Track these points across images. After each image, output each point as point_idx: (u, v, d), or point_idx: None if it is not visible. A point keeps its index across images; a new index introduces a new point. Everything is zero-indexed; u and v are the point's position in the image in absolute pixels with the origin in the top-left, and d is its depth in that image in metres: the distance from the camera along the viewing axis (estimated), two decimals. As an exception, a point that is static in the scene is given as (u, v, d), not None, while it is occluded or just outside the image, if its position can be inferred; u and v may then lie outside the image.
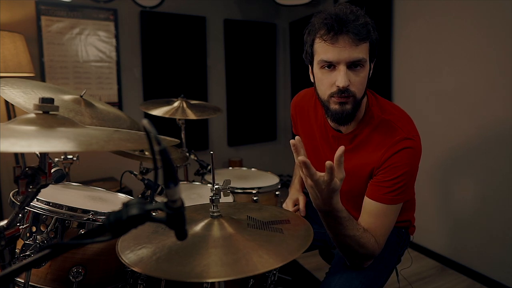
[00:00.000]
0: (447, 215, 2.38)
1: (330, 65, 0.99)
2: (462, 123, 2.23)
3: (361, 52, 0.97)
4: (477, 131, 2.15)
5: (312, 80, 1.11)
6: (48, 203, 1.05)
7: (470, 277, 2.22)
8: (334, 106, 1.02)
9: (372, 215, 1.04)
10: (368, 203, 1.06)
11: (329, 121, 1.15)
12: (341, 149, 0.85)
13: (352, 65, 0.98)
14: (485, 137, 2.11)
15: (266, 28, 3.94)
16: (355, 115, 1.05)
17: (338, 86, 0.97)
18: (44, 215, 1.04)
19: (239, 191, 1.73)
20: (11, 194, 1.06)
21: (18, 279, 1.01)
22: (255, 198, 1.71)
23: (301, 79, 3.83)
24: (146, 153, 1.69)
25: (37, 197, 0.76)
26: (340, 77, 0.96)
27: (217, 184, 0.92)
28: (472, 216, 2.21)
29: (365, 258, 1.03)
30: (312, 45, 1.03)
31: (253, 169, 2.14)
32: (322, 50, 0.99)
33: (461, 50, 2.19)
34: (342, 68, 0.96)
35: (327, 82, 1.01)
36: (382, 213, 1.03)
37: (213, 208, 0.89)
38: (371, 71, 1.06)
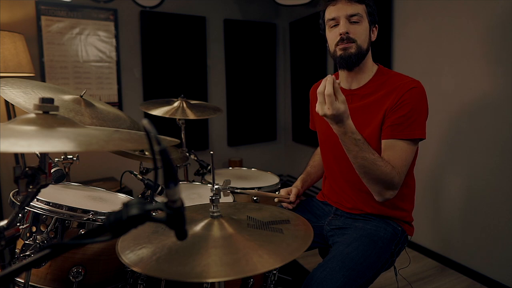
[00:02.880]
0: (447, 215, 2.38)
1: (336, 24, 1.24)
2: (461, 123, 2.23)
3: (356, 9, 1.21)
4: (477, 131, 2.15)
5: (328, 46, 1.32)
6: (48, 203, 1.05)
7: (470, 277, 2.22)
8: (339, 52, 1.24)
9: (387, 150, 1.18)
10: (384, 143, 1.21)
11: (341, 84, 1.33)
12: (332, 78, 1.04)
13: (351, 19, 1.21)
14: (485, 137, 2.11)
15: (266, 28, 3.94)
16: (360, 61, 1.25)
17: (340, 34, 1.22)
18: (44, 215, 1.04)
19: (239, 191, 1.73)
20: (11, 194, 1.06)
21: (18, 279, 1.01)
22: (255, 198, 1.71)
23: (301, 79, 3.83)
24: (146, 153, 1.69)
25: (37, 197, 0.76)
26: (341, 26, 1.22)
27: (217, 184, 0.92)
28: (472, 216, 2.21)
29: (385, 184, 1.14)
30: (323, 16, 1.30)
31: (253, 169, 2.14)
32: (328, 13, 1.26)
33: (461, 50, 2.19)
34: (342, 20, 1.22)
35: (333, 36, 1.25)
36: (397, 147, 1.17)
37: (213, 208, 0.89)
38: (373, 34, 1.29)
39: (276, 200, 1.40)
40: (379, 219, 1.30)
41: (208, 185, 1.78)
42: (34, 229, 1.04)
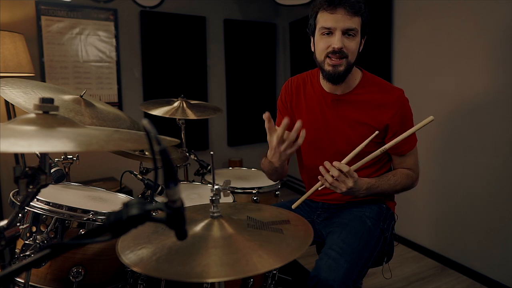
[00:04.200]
0: (447, 215, 2.38)
1: (329, 32, 1.20)
2: (461, 123, 2.23)
3: (354, 23, 1.19)
4: (477, 130, 2.15)
5: (312, 50, 1.30)
6: (48, 203, 1.05)
7: (470, 277, 2.22)
8: (328, 68, 1.23)
9: (402, 163, 1.35)
10: (397, 159, 1.35)
11: (325, 88, 1.35)
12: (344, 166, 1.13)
13: (346, 33, 1.19)
14: (485, 137, 2.11)
15: (266, 28, 3.94)
16: (346, 76, 1.25)
17: (334, 47, 1.19)
18: (44, 215, 1.04)
19: (239, 191, 1.73)
20: (11, 194, 1.06)
21: (18, 279, 1.01)
22: (255, 198, 1.71)
23: (301, 79, 3.82)
24: (146, 153, 1.68)
25: (37, 197, 0.76)
26: (336, 40, 1.18)
27: (217, 184, 0.92)
28: (472, 216, 2.21)
29: (410, 187, 1.35)
30: (315, 17, 1.25)
31: (253, 169, 2.14)
32: (323, 19, 1.21)
33: (461, 51, 2.19)
34: (338, 33, 1.18)
35: (324, 44, 1.22)
36: (408, 159, 1.34)
37: (213, 209, 0.89)
38: (361, 46, 1.27)
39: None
40: (363, 201, 1.36)
41: (208, 185, 1.78)
42: (34, 229, 1.04)
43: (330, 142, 1.34)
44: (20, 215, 0.87)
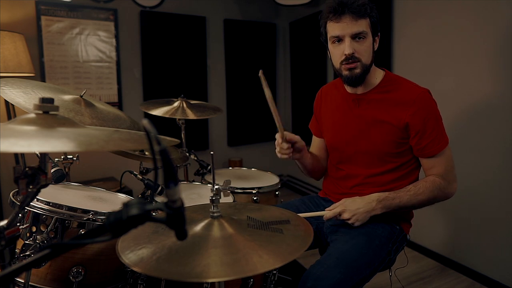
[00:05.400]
0: (447, 215, 2.38)
1: (339, 40, 1.24)
2: (461, 123, 2.23)
3: (361, 26, 1.21)
4: (476, 131, 2.15)
5: (330, 57, 1.34)
6: (48, 203, 1.05)
7: (470, 277, 2.22)
8: (345, 72, 1.26)
9: (432, 168, 1.27)
10: (426, 162, 1.29)
11: (347, 89, 1.38)
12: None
13: (356, 37, 1.22)
14: (484, 137, 2.11)
15: (266, 28, 3.94)
16: (364, 77, 1.27)
17: (345, 54, 1.22)
18: (44, 215, 1.04)
19: (239, 191, 1.73)
20: (11, 194, 1.06)
21: (18, 279, 1.01)
22: (255, 198, 1.71)
23: (301, 79, 3.82)
24: (146, 153, 1.68)
25: (37, 197, 0.76)
26: (346, 47, 1.22)
27: (217, 184, 0.92)
28: (472, 216, 2.21)
29: (440, 196, 1.25)
30: (325, 27, 1.29)
31: (253, 169, 2.14)
32: (331, 29, 1.25)
33: (461, 50, 2.19)
34: (347, 40, 1.22)
35: (337, 53, 1.26)
36: (437, 162, 1.27)
37: (213, 209, 0.89)
38: (376, 44, 1.30)
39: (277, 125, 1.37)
40: (377, 217, 1.31)
41: (208, 185, 1.78)
42: (34, 229, 1.04)
43: (350, 142, 1.36)
44: (20, 215, 0.87)
